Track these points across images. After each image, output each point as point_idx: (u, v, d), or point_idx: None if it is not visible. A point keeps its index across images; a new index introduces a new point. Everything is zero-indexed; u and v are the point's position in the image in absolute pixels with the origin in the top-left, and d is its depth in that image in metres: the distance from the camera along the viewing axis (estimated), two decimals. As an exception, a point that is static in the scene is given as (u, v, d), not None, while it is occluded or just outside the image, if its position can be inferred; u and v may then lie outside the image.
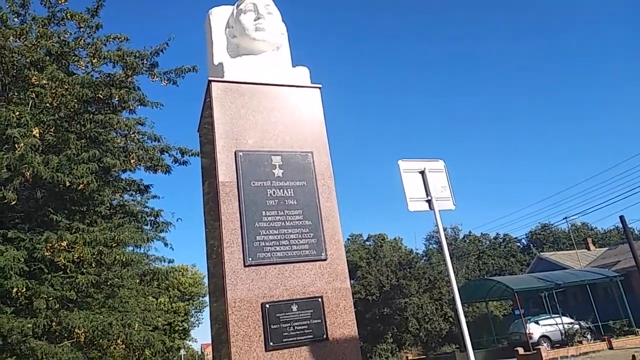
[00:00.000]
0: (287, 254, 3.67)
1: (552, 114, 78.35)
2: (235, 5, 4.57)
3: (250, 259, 3.56)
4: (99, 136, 13.20)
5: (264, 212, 3.73)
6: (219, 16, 4.72)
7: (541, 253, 35.13)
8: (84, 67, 12.87)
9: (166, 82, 13.26)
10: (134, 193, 15.84)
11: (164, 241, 15.49)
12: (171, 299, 37.76)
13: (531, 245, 47.01)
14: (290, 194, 3.85)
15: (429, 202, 6.68)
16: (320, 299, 3.63)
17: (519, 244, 47.89)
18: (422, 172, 6.76)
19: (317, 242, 3.79)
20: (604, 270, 23.76)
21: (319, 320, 3.57)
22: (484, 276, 37.07)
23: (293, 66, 4.61)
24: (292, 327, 3.48)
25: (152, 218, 15.77)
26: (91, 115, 12.20)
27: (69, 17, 12.63)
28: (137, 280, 14.29)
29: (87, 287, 12.26)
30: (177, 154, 14.18)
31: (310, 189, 3.92)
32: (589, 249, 32.93)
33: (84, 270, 12.39)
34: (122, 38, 12.99)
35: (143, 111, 14.55)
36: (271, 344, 3.37)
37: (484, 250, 45.40)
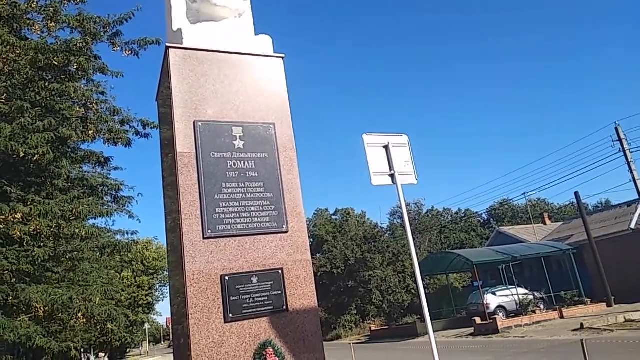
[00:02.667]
0: (248, 226, 3.64)
1: (512, 88, 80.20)
2: (196, -31, 4.37)
3: (209, 231, 3.51)
4: (55, 105, 12.65)
5: (224, 184, 3.66)
6: (178, -20, 4.51)
7: (500, 227, 36.38)
8: (39, 32, 12.20)
9: (128, 52, 12.72)
10: (93, 165, 15.38)
11: (129, 214, 15.16)
12: (135, 273, 37.26)
13: (491, 219, 48.61)
14: (252, 165, 3.79)
15: (392, 176, 6.73)
16: (280, 271, 3.63)
17: (479, 219, 49.42)
18: (386, 147, 6.79)
19: (279, 215, 3.76)
20: (558, 244, 24.84)
21: (279, 292, 3.58)
22: (445, 250, 38.14)
23: (256, 35, 4.48)
24: (251, 299, 3.47)
25: (114, 192, 15.38)
26: (46, 83, 11.64)
27: (20, -23, 11.88)
28: (98, 254, 14.00)
29: (44, 260, 11.92)
30: (138, 126, 13.78)
31: (272, 161, 3.87)
32: (545, 224, 34.29)
33: (41, 244, 12.03)
34: (79, 1, 12.35)
35: (103, 80, 13.92)
36: (230, 315, 3.36)
37: (445, 224, 46.58)
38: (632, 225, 23.02)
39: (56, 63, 11.71)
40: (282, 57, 4.24)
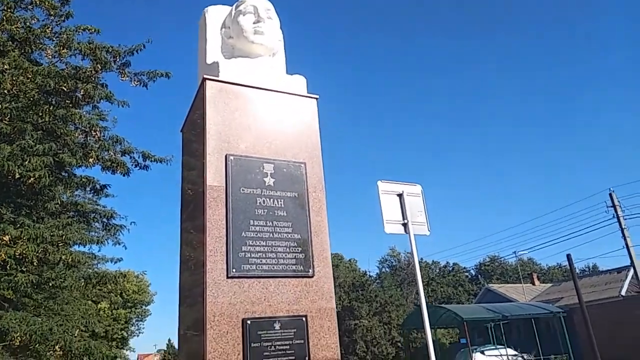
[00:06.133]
0: (273, 267, 3.47)
1: (504, 147, 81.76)
2: (234, 6, 4.40)
3: (234, 270, 3.33)
4: (57, 129, 12.51)
5: (251, 222, 3.52)
6: (215, 15, 4.53)
7: (489, 284, 36.08)
8: (50, 57, 12.22)
9: (136, 83, 12.79)
10: (87, 191, 15.06)
11: (117, 242, 14.74)
12: (112, 305, 35.96)
13: (479, 276, 48.27)
14: (281, 204, 3.66)
15: (405, 225, 6.65)
16: (304, 318, 3.43)
17: (467, 274, 49.06)
18: (400, 195, 6.74)
19: (305, 258, 3.60)
20: (549, 306, 24.60)
21: (302, 341, 3.37)
22: (432, 303, 37.53)
23: (287, 74, 4.47)
24: (273, 347, 3.26)
25: (105, 220, 15.01)
26: (51, 107, 11.55)
27: (37, 2, 12.01)
28: (83, 283, 13.49)
29: (26, 286, 11.42)
30: (139, 157, 13.64)
31: (301, 201, 3.75)
32: (533, 284, 34.12)
33: (25, 269, 11.54)
34: (93, 30, 12.47)
35: (107, 107, 13.87)
36: (251, 364, 3.14)
37: (433, 277, 46.16)
38: (623, 292, 22.96)
39: (65, 89, 11.69)
40: (316, 98, 4.21)
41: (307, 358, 3.34)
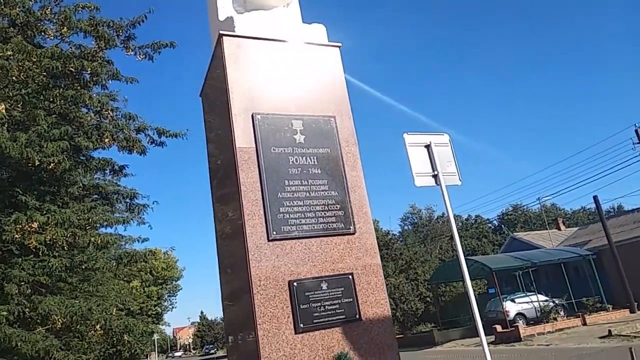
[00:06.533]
0: (314, 227, 3.33)
1: (525, 96, 79.72)
2: (243, -44, 4.11)
3: (274, 232, 3.19)
4: (70, 113, 12.41)
5: (286, 182, 3.36)
6: (223, -32, 4.24)
7: (514, 233, 35.89)
8: (52, 38, 11.99)
9: (142, 56, 12.46)
10: (106, 173, 15.11)
11: (142, 221, 14.87)
12: (144, 283, 36.91)
13: (502, 226, 48.05)
14: (314, 162, 3.49)
15: (436, 177, 6.42)
16: (350, 276, 3.31)
17: (490, 225, 48.88)
18: (428, 146, 6.46)
19: (345, 215, 3.45)
20: (577, 249, 24.36)
21: (350, 299, 3.26)
22: (456, 257, 37.65)
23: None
24: (322, 307, 3.15)
25: (128, 200, 15.10)
26: (61, 90, 11.42)
27: (35, -17, 11.69)
28: (114, 264, 13.70)
29: (60, 270, 11.63)
30: (154, 134, 13.51)
31: (334, 156, 3.57)
32: (559, 229, 33.80)
33: (57, 254, 11.73)
34: (92, 7, 12.14)
35: (116, 86, 13.67)
36: (301, 325, 3.04)
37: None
38: (653, 229, 22.57)
39: (72, 69, 11.49)
40: (339, 46, 3.96)
41: (357, 316, 3.23)
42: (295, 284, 3.13)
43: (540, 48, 77.46)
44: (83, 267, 13.16)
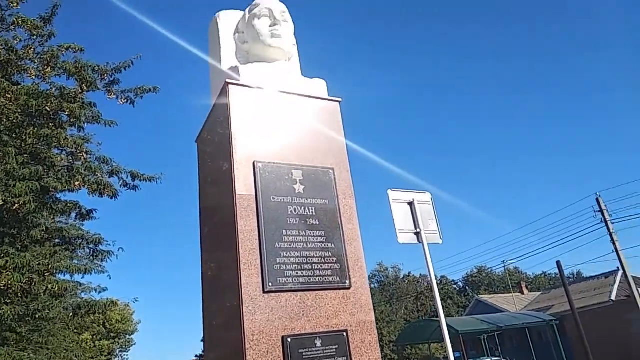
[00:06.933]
0: (310, 279, 3.25)
1: (492, 161, 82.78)
2: (248, 10, 4.25)
3: (270, 284, 3.10)
4: (42, 153, 12.06)
5: (284, 232, 3.30)
6: (227, 20, 4.37)
7: (480, 296, 36.06)
8: (33, 77, 11.84)
9: (124, 100, 12.45)
10: (75, 218, 14.53)
11: (102, 270, 14.22)
12: (95, 336, 34.73)
13: (467, 287, 48.30)
14: (312, 212, 3.46)
15: (418, 234, 6.48)
16: (345, 333, 3.21)
17: (455, 287, 49.05)
18: (411, 203, 6.58)
19: (341, 268, 3.39)
20: (541, 314, 24.61)
21: (344, 358, 3.14)
22: (422, 317, 37.29)
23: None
24: (316, 365, 3.02)
25: (92, 246, 14.45)
26: (35, 129, 11.14)
27: (20, 22, 11.66)
28: (71, 314, 12.92)
29: (12, 320, 10.84)
30: (127, 177, 13.21)
31: (332, 208, 3.56)
32: (522, 293, 34.23)
33: (9, 300, 10.96)
34: (77, 49, 12.15)
35: (94, 129, 13.44)
36: (295, 384, 2.89)
37: (422, 291, 45.99)
38: (613, 297, 23.14)
39: (48, 109, 11.29)
40: (339, 101, 4.05)
41: (352, 376, 3.10)
42: (289, 339, 3.01)
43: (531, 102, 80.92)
44: (37, 316, 12.31)
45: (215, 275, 3.62)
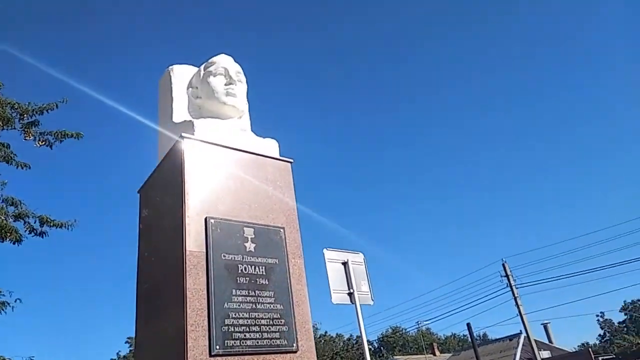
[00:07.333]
0: (258, 342, 3.15)
1: (407, 225, 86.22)
2: (203, 66, 4.30)
3: (217, 347, 2.97)
4: None
5: (234, 291, 3.22)
6: (180, 74, 4.38)
7: (395, 357, 36.29)
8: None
9: (41, 143, 11.68)
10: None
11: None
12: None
13: (382, 348, 48.51)
14: (262, 272, 3.42)
15: (351, 295, 6.56)
16: (291, 399, 3.12)
17: (370, 347, 49.05)
18: (345, 264, 6.70)
19: (288, 330, 3.34)
20: (453, 376, 25.19)
21: None
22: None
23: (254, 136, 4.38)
24: None
25: (-15, 296, 12.92)
26: None
27: None
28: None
29: None
30: (35, 222, 12.17)
31: (282, 268, 3.54)
32: (434, 354, 34.99)
33: None
34: (-4, 84, 11.37)
35: (5, 170, 12.30)
36: None
37: (337, 351, 45.48)
38: (517, 359, 24.36)
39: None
40: (291, 162, 4.14)
41: None
42: (235, 407, 2.87)
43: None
44: None
45: (154, 337, 3.40)
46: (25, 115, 10.97)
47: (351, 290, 6.46)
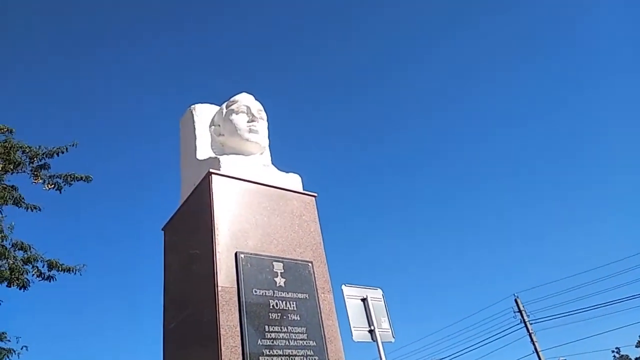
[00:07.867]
0: (294, 380, 3.07)
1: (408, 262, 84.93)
2: (225, 105, 4.39)
3: (253, 387, 2.88)
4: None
5: (266, 327, 3.15)
6: (202, 112, 4.46)
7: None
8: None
9: (50, 186, 11.73)
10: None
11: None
12: None
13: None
14: (293, 307, 3.36)
15: (372, 332, 6.41)
16: None
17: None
18: (364, 300, 6.59)
19: (323, 368, 3.25)
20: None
21: None
22: None
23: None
24: None
25: (-8, 343, 12.65)
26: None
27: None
28: None
29: None
30: (43, 267, 12.06)
31: (312, 303, 3.48)
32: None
33: None
34: (5, 129, 11.54)
35: (15, 213, 12.27)
36: None
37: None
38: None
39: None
40: (315, 196, 4.14)
41: None
42: None
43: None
44: None
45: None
46: (35, 159, 11.07)
47: (372, 328, 6.32)
